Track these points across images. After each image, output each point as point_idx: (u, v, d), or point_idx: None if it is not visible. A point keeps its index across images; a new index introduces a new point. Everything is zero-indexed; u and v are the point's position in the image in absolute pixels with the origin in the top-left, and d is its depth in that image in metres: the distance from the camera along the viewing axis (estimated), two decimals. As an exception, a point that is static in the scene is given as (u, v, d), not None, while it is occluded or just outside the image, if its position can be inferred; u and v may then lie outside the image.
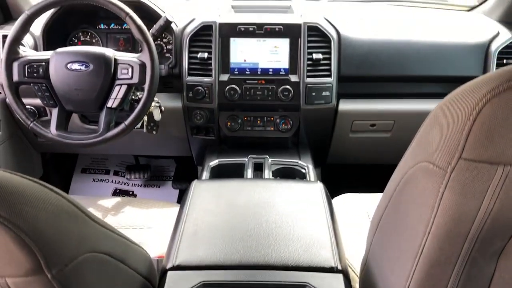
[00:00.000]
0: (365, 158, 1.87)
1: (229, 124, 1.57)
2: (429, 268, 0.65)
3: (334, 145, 1.71)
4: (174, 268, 0.85)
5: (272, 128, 1.58)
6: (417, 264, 0.66)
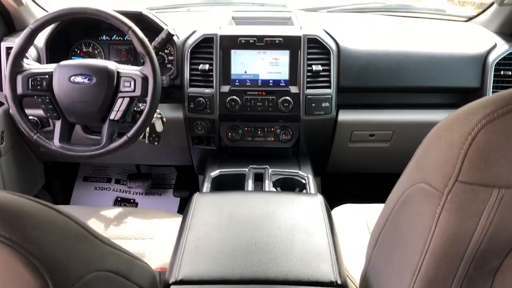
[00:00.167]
0: (365, 167, 1.89)
1: (230, 135, 1.58)
2: (427, 285, 0.67)
3: (334, 155, 1.72)
4: (177, 283, 0.86)
5: (273, 139, 1.59)
6: (415, 281, 0.68)
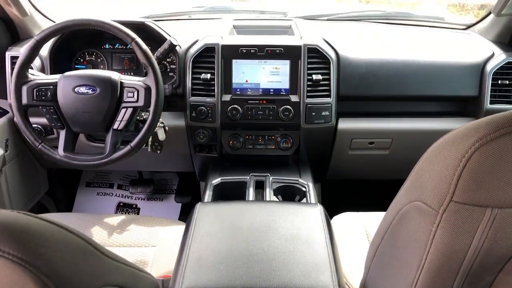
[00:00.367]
0: (364, 174, 1.91)
1: (231, 143, 1.60)
2: (424, 299, 0.69)
3: (334, 162, 1.74)
4: None
5: (273, 147, 1.61)
6: (412, 295, 0.70)
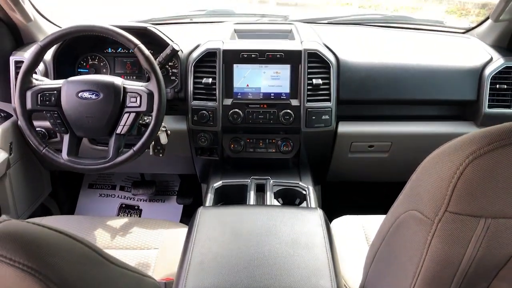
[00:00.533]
0: (363, 177, 1.92)
1: (233, 146, 1.62)
2: (420, 305, 0.71)
3: (334, 165, 1.76)
4: None
5: (274, 150, 1.63)
6: (409, 301, 0.72)
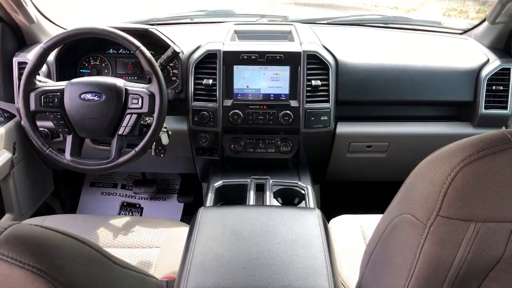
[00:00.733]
0: (362, 176, 1.95)
1: (233, 146, 1.64)
2: (413, 304, 0.74)
3: (332, 165, 1.78)
4: None
5: (273, 150, 1.65)
6: (403, 301, 0.75)
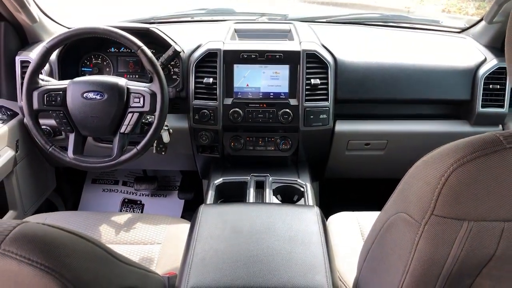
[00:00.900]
0: (360, 173, 1.97)
1: (233, 144, 1.66)
2: (409, 300, 0.76)
3: (331, 162, 1.80)
4: None
5: (273, 148, 1.67)
6: (398, 297, 0.77)
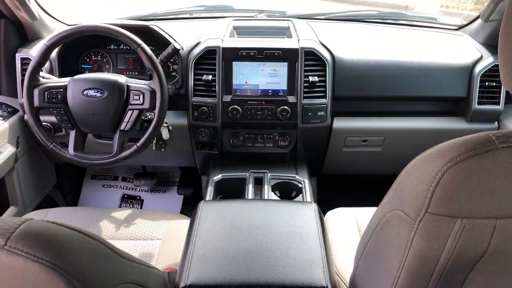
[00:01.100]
0: (357, 170, 1.99)
1: (232, 141, 1.68)
2: (404, 295, 0.79)
3: (329, 158, 1.82)
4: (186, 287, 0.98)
5: (271, 145, 1.69)
6: (394, 291, 0.80)
